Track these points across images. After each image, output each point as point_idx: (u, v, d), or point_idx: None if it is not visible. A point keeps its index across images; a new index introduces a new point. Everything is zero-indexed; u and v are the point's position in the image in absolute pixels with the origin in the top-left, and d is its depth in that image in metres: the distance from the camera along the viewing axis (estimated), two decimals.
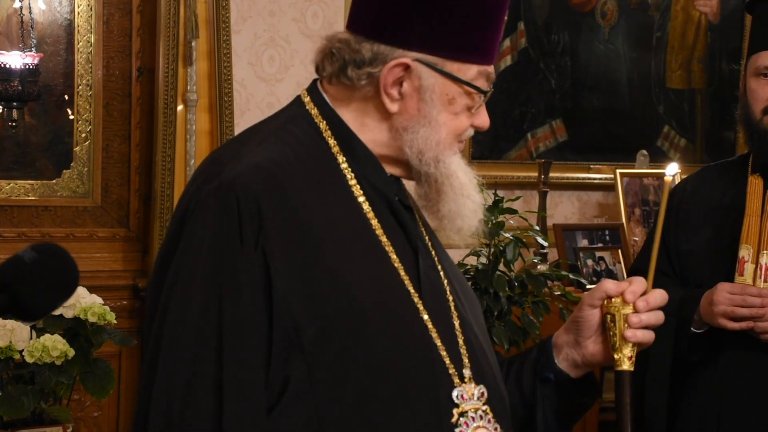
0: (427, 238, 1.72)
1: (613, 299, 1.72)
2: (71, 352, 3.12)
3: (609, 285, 1.73)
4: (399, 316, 1.58)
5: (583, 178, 5.17)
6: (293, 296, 1.50)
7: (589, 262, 4.82)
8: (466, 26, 1.61)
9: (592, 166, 5.19)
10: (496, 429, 1.63)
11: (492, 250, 3.73)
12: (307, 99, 1.69)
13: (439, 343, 1.60)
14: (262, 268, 1.50)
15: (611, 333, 1.72)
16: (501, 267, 3.85)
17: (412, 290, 1.61)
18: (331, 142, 1.64)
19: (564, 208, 5.16)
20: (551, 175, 4.79)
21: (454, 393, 1.59)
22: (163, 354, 1.51)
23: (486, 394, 1.63)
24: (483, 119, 1.69)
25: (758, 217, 2.68)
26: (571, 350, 1.77)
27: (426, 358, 1.58)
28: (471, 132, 1.69)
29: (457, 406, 1.59)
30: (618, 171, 5.03)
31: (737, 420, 2.69)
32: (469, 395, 1.61)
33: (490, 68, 1.66)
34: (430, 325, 1.60)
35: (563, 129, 5.15)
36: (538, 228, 4.26)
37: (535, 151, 5.06)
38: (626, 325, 1.71)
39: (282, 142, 1.62)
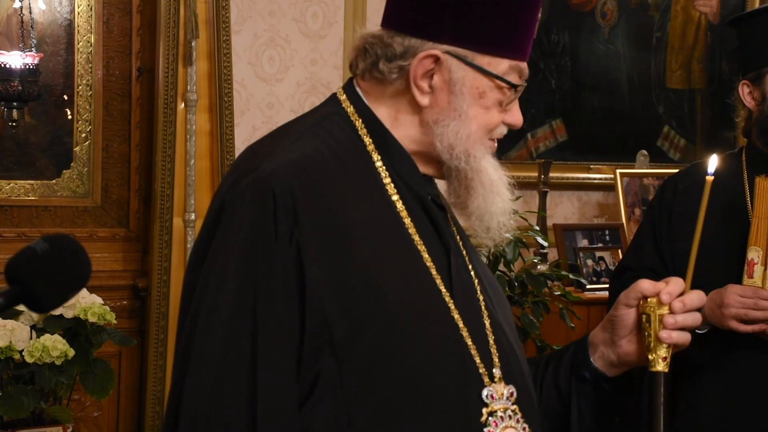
0: (458, 237, 1.71)
1: (648, 299, 1.69)
2: (71, 352, 3.12)
3: (645, 285, 1.70)
4: (430, 315, 1.58)
5: (583, 178, 5.17)
6: (325, 292, 1.51)
7: (589, 262, 4.82)
8: (498, 20, 1.61)
9: (592, 166, 5.19)
10: (524, 429, 1.62)
11: (492, 250, 3.73)
12: (343, 97, 1.69)
13: (469, 342, 1.60)
14: (295, 262, 1.51)
15: (646, 333, 1.69)
16: (501, 267, 3.85)
17: (443, 289, 1.61)
18: (367, 140, 1.65)
19: (564, 208, 5.16)
20: (551, 175, 4.79)
21: (484, 392, 1.59)
22: (196, 349, 1.51)
23: (515, 394, 1.63)
24: (515, 117, 1.68)
25: (766, 219, 2.67)
26: (606, 349, 1.74)
27: (456, 357, 1.58)
28: (503, 130, 1.69)
29: (487, 405, 1.59)
30: (618, 171, 5.03)
31: (743, 421, 2.68)
32: (498, 395, 1.60)
33: (523, 64, 1.66)
34: (461, 324, 1.60)
35: (563, 129, 5.15)
36: (538, 228, 4.26)
37: (535, 151, 5.06)
38: (661, 326, 1.68)
39: (318, 139, 1.62)
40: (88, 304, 3.20)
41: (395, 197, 1.63)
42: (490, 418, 1.58)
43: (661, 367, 1.69)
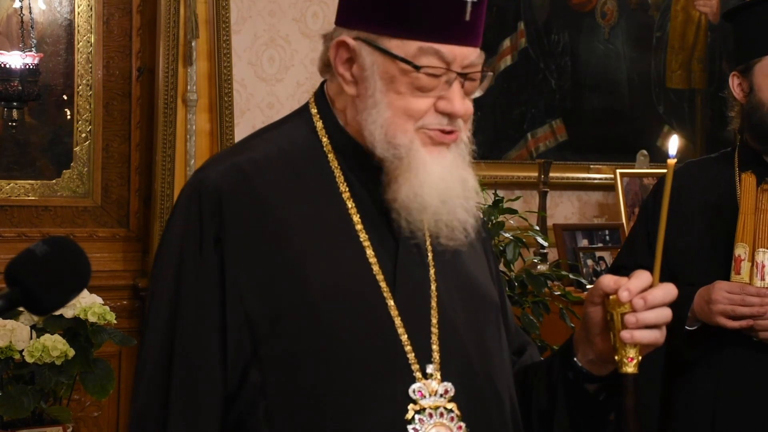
0: (428, 234, 1.63)
1: (610, 296, 1.57)
2: (71, 352, 3.12)
3: (606, 281, 1.60)
4: (361, 310, 1.56)
5: (583, 178, 5.17)
6: (248, 288, 1.53)
7: (589, 262, 4.82)
8: (403, 0, 1.54)
9: (592, 166, 5.19)
10: (459, 428, 1.56)
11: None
12: (312, 100, 1.71)
13: (404, 338, 1.56)
14: (218, 264, 1.54)
15: (611, 333, 1.58)
16: (501, 267, 3.85)
17: (383, 285, 1.58)
18: (324, 140, 1.65)
19: (564, 208, 5.16)
20: (551, 175, 4.79)
21: (411, 388, 1.55)
22: (142, 353, 1.62)
23: (452, 392, 1.57)
24: (448, 104, 1.56)
25: (753, 215, 2.67)
26: (585, 347, 1.66)
27: (385, 352, 1.55)
28: (440, 119, 1.57)
29: (414, 402, 1.55)
30: (618, 171, 5.03)
31: (733, 418, 2.69)
32: (429, 392, 1.56)
33: (447, 47, 1.55)
34: (397, 321, 1.57)
35: (563, 129, 5.15)
36: (538, 228, 4.26)
37: (535, 151, 5.06)
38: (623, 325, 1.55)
39: (271, 143, 1.65)
40: (88, 304, 3.20)
41: (346, 195, 1.62)
42: (416, 416, 1.54)
43: (630, 369, 1.57)
